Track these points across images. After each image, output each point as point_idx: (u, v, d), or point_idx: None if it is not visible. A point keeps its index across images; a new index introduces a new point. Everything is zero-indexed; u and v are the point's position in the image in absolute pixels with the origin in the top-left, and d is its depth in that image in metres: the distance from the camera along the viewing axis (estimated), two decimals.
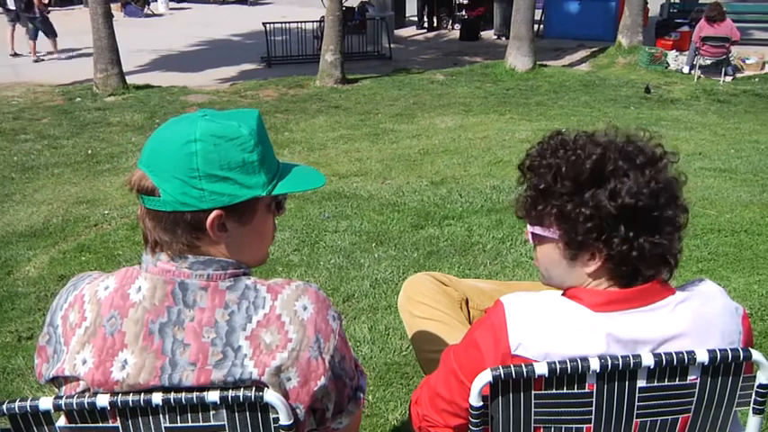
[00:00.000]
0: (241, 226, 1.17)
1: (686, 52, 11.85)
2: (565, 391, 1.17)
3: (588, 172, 1.18)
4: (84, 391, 1.14)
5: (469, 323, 1.76)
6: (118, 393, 1.11)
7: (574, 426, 1.21)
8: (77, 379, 1.14)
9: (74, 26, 15.08)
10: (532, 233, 1.28)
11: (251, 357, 1.10)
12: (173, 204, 1.11)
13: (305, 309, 1.14)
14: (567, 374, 1.15)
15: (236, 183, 1.13)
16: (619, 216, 1.16)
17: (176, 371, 1.11)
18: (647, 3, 13.84)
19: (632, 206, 1.16)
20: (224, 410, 1.11)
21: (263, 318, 1.12)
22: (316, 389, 1.14)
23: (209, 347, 1.10)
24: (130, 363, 1.11)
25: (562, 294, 1.25)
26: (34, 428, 1.15)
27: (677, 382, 1.19)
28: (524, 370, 1.14)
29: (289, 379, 1.11)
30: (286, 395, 1.12)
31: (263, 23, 12.77)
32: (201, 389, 1.11)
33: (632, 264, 1.19)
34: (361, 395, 1.25)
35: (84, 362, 1.13)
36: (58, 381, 1.18)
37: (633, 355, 1.15)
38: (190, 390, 1.11)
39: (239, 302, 1.13)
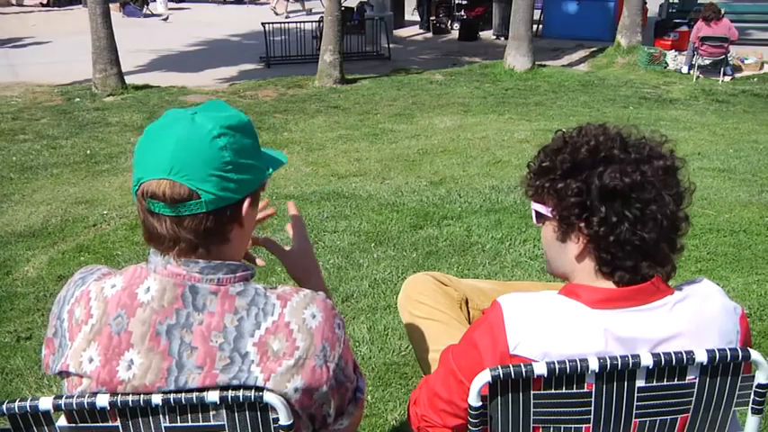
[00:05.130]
0: (253, 210, 1.21)
1: (685, 52, 11.87)
2: (564, 390, 1.18)
3: (584, 154, 1.22)
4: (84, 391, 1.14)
5: (469, 323, 1.76)
6: (118, 393, 1.11)
7: (573, 426, 1.21)
8: (80, 376, 1.14)
9: (73, 26, 15.06)
10: (535, 211, 1.32)
11: (258, 364, 1.11)
12: (215, 202, 1.12)
13: (313, 317, 1.15)
14: (566, 374, 1.15)
15: (256, 167, 1.18)
16: (601, 197, 1.19)
17: (183, 373, 1.11)
18: (645, 3, 13.86)
19: (611, 188, 1.18)
20: (224, 411, 1.12)
21: (271, 325, 1.13)
22: (316, 395, 1.15)
23: (216, 352, 1.11)
24: (136, 363, 1.12)
25: (559, 292, 1.25)
26: (34, 429, 1.15)
27: (676, 382, 1.19)
28: (523, 370, 1.14)
29: (296, 390, 1.12)
30: (290, 402, 1.13)
31: (262, 23, 12.76)
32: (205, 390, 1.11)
33: (611, 251, 1.20)
34: (361, 396, 1.26)
35: (91, 360, 1.13)
36: (62, 374, 1.18)
37: (632, 355, 1.15)
38: (192, 391, 1.11)
39: (249, 308, 1.13)
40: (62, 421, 1.16)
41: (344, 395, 1.21)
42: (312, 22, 13.15)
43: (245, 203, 1.16)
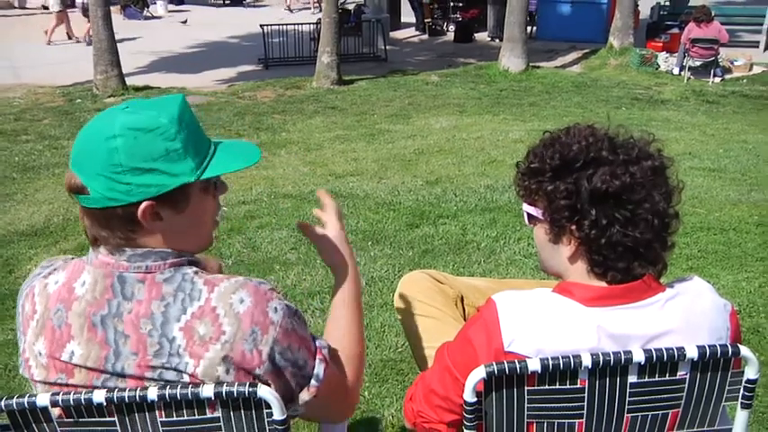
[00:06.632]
0: (177, 213, 1.17)
1: (676, 54, 11.93)
2: (557, 386, 1.19)
3: (573, 155, 1.22)
4: (65, 384, 1.18)
5: (464, 320, 1.77)
6: (114, 389, 1.12)
7: (566, 421, 1.22)
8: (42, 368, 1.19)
9: (74, 28, 15.04)
10: (527, 213, 1.32)
11: (185, 348, 1.11)
12: (102, 201, 1.12)
13: (241, 302, 1.13)
14: (560, 370, 1.16)
15: (162, 172, 1.13)
16: (591, 200, 1.20)
17: (119, 360, 1.13)
18: (637, 5, 13.92)
19: (602, 191, 1.19)
20: (219, 405, 1.12)
21: (197, 310, 1.13)
22: (254, 376, 1.14)
23: (146, 338, 1.12)
24: (77, 353, 1.15)
25: (553, 290, 1.27)
26: (33, 425, 1.16)
27: (667, 378, 1.20)
28: (517, 366, 1.15)
29: (227, 372, 1.11)
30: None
31: (261, 25, 12.79)
32: (143, 378, 1.13)
33: (602, 253, 1.21)
34: (316, 383, 1.20)
35: (40, 353, 1.18)
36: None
37: (624, 352, 1.16)
38: (133, 378, 1.13)
39: (175, 294, 1.14)
40: (60, 417, 1.18)
41: (290, 380, 1.18)
42: (310, 24, 13.17)
43: (142, 207, 1.13)
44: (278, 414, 1.12)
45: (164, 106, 1.16)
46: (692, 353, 1.17)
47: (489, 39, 15.72)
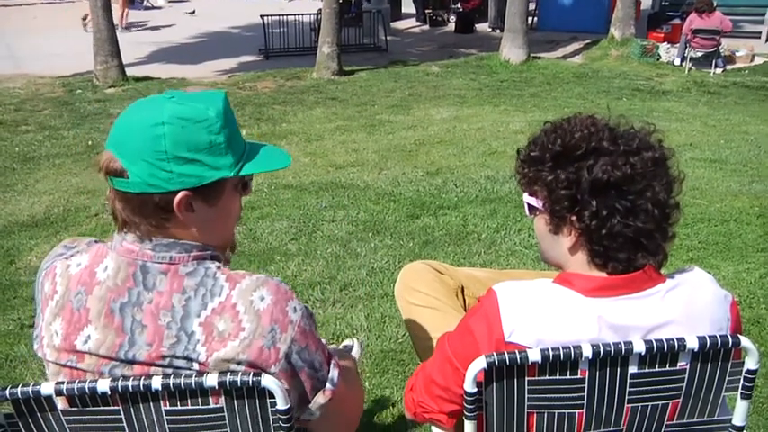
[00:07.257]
0: (208, 207, 1.18)
1: (677, 45, 11.90)
2: (558, 377, 1.19)
3: (573, 146, 1.22)
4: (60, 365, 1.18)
5: (465, 311, 1.78)
6: (118, 378, 1.13)
7: (566, 411, 1.23)
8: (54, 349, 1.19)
9: (74, 18, 15.00)
10: (527, 204, 1.32)
11: (203, 343, 1.12)
12: (141, 186, 1.13)
13: (262, 299, 1.14)
14: (560, 361, 1.16)
15: (204, 164, 1.14)
16: (591, 190, 1.20)
17: (132, 349, 1.14)
18: None
19: (603, 182, 1.19)
20: (222, 394, 1.13)
21: (218, 305, 1.13)
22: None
23: (164, 330, 1.13)
24: (93, 338, 1.15)
25: (553, 281, 1.27)
26: (37, 413, 1.17)
27: (668, 368, 1.21)
28: (518, 356, 1.16)
29: (240, 363, 1.12)
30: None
31: (261, 16, 12.73)
32: (154, 364, 1.14)
33: (603, 243, 1.21)
34: (330, 387, 1.22)
35: (56, 333, 1.18)
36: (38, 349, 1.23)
37: (624, 342, 1.17)
38: (143, 365, 1.14)
39: (196, 289, 1.14)
40: (64, 405, 1.18)
41: (305, 382, 1.19)
42: (310, 14, 13.14)
43: (179, 196, 1.14)
44: (282, 404, 1.13)
45: (210, 100, 1.18)
46: (692, 343, 1.18)
47: (490, 29, 15.68)
